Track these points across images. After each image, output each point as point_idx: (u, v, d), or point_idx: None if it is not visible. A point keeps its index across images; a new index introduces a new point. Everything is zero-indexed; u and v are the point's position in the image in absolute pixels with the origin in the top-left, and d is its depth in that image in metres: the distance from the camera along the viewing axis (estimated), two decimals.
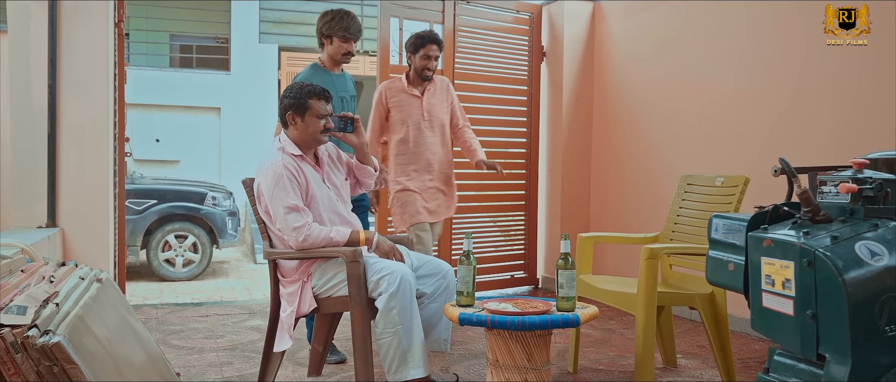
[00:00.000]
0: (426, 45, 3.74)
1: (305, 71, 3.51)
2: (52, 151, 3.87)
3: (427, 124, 3.80)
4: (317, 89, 2.86)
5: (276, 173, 2.75)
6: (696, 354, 3.65)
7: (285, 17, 11.86)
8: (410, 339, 2.65)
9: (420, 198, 3.78)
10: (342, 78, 3.58)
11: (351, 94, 3.62)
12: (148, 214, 6.71)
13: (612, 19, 5.14)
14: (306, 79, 3.39)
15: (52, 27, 3.84)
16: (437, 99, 3.87)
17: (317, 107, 2.83)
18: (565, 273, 2.58)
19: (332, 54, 3.50)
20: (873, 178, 1.87)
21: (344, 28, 3.42)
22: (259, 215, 2.90)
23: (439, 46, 3.78)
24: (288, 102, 2.84)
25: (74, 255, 3.88)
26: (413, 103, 3.80)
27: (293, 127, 2.86)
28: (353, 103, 3.62)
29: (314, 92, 2.84)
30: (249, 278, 7.02)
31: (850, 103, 3.51)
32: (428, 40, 3.75)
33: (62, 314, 1.85)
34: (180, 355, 3.58)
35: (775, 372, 1.91)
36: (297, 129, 2.85)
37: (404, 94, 3.81)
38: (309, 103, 2.83)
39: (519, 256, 5.21)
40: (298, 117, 2.84)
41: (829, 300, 1.70)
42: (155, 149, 10.65)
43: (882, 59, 3.29)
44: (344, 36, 3.44)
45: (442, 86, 3.91)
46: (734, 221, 2.11)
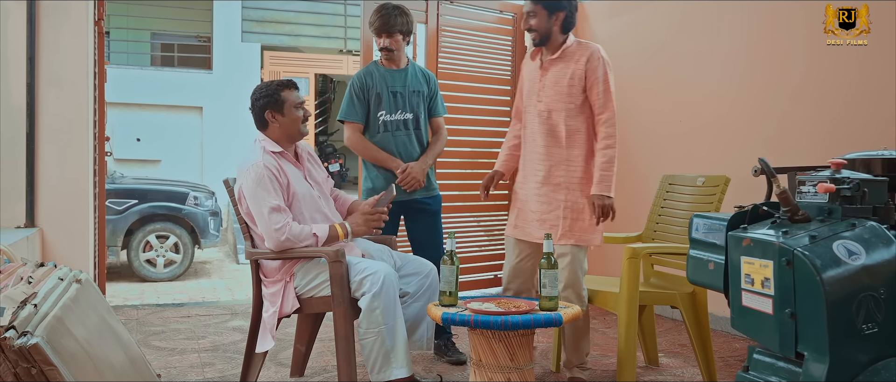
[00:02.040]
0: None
1: (364, 68, 3.51)
2: (30, 150, 3.82)
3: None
4: (283, 82, 2.88)
5: (257, 174, 2.73)
6: (678, 353, 3.68)
7: (268, 15, 11.80)
8: (394, 339, 2.65)
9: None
10: (401, 73, 3.47)
11: (413, 88, 3.46)
12: (129, 214, 6.64)
13: (596, 19, 5.16)
14: (361, 76, 3.43)
15: (31, 25, 3.79)
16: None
17: (291, 97, 2.85)
18: (548, 273, 2.59)
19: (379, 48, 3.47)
20: (851, 178, 1.90)
21: (372, 23, 3.39)
22: (241, 216, 2.89)
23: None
24: (263, 102, 2.84)
25: (53, 255, 3.83)
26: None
27: (274, 124, 2.86)
28: (414, 98, 3.46)
29: (282, 84, 2.86)
30: (232, 278, 6.97)
31: (842, 103, 3.53)
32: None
33: (40, 315, 1.83)
34: (161, 356, 3.55)
35: (755, 371, 1.93)
36: (279, 125, 2.85)
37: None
38: (282, 97, 2.84)
39: (502, 256, 5.22)
40: (277, 114, 2.84)
41: (808, 298, 1.72)
42: (136, 148, 10.54)
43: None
44: (377, 30, 3.39)
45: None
46: (714, 220, 2.13)
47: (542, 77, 3.05)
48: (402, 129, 3.42)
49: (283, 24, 11.89)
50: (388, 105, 3.40)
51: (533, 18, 2.99)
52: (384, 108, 3.40)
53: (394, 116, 3.41)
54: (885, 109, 3.25)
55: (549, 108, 3.01)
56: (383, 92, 3.41)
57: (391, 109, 3.41)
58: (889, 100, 3.23)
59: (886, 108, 3.24)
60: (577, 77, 2.96)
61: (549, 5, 2.97)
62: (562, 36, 3.02)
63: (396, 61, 3.45)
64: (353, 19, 11.76)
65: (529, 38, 3.18)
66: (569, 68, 2.98)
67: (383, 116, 3.41)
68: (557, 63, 3.02)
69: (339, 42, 12.05)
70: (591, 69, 2.94)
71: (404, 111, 3.42)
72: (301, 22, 11.92)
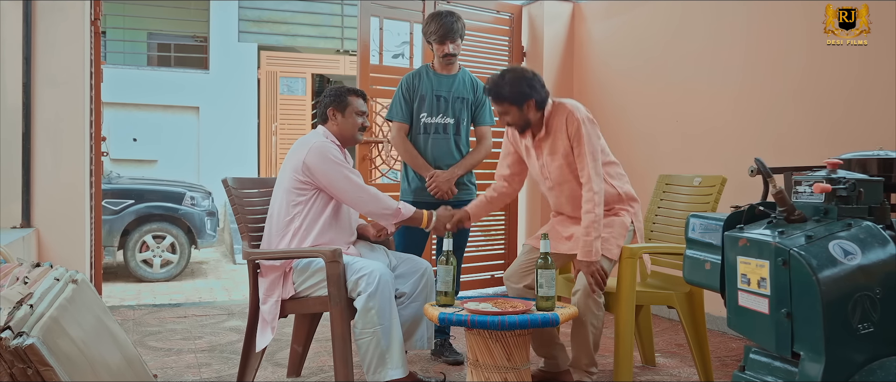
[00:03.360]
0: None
1: (413, 70, 3.54)
2: (26, 150, 3.81)
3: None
4: (355, 89, 3.06)
5: (333, 153, 2.87)
6: (675, 352, 3.68)
7: (265, 15, 11.79)
8: (389, 339, 2.65)
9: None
10: (449, 79, 3.49)
11: (459, 95, 3.48)
12: (125, 214, 6.63)
13: (592, 20, 5.17)
14: (409, 78, 3.49)
15: (27, 25, 3.78)
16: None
17: (355, 104, 3.01)
18: (545, 273, 2.59)
19: (436, 57, 3.48)
20: (847, 178, 1.90)
21: (435, 31, 3.40)
22: (236, 215, 2.88)
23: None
24: (329, 99, 3.03)
25: (50, 256, 3.82)
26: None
27: (333, 122, 3.02)
28: (458, 104, 3.48)
29: (352, 90, 3.05)
30: (228, 278, 6.97)
31: (843, 103, 3.54)
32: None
33: (36, 315, 1.83)
34: (158, 356, 3.55)
35: (751, 370, 1.94)
36: (337, 124, 3.01)
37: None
38: (348, 100, 3.01)
39: (499, 256, 5.22)
40: (339, 113, 3.01)
41: (804, 298, 1.72)
42: (132, 148, 10.54)
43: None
44: (438, 39, 3.40)
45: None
46: (711, 220, 2.13)
47: (539, 157, 3.03)
48: (441, 132, 3.46)
49: (279, 23, 11.88)
50: (430, 108, 3.45)
51: (507, 116, 2.94)
52: (426, 110, 3.45)
53: (434, 119, 3.45)
54: (886, 110, 3.24)
55: (557, 182, 3.01)
56: (428, 95, 3.45)
57: (433, 112, 3.45)
58: (889, 100, 3.23)
59: (887, 108, 3.24)
60: (567, 148, 2.92)
61: (514, 98, 2.88)
62: (538, 113, 2.95)
63: (453, 66, 3.49)
64: (349, 19, 11.75)
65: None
66: (558, 143, 2.93)
67: (424, 118, 3.46)
68: (546, 139, 2.97)
69: (336, 42, 12.05)
70: (574, 136, 2.88)
71: (446, 116, 3.46)
72: (298, 22, 11.92)
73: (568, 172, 2.95)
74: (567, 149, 2.91)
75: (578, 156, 2.88)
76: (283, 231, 2.84)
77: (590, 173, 2.83)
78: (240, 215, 2.95)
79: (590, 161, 2.84)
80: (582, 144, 2.85)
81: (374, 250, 3.09)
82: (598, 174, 2.85)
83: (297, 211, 2.84)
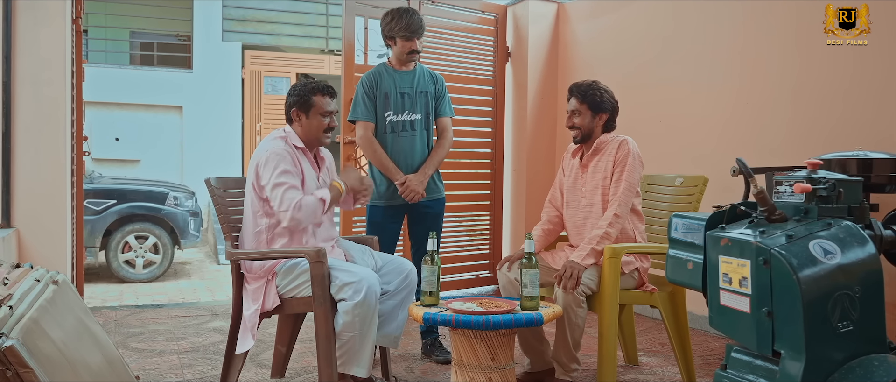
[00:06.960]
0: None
1: (372, 69, 3.49)
2: (6, 150, 3.77)
3: None
4: (321, 86, 2.91)
5: (278, 155, 2.77)
6: (658, 352, 3.70)
7: (249, 14, 11.71)
8: (363, 343, 2.68)
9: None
10: (409, 74, 3.46)
11: (421, 89, 3.47)
12: (107, 214, 6.57)
13: (576, 20, 5.19)
14: (370, 76, 3.43)
15: (7, 23, 3.74)
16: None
17: (321, 104, 2.88)
18: (529, 273, 2.60)
19: (398, 54, 3.43)
20: (827, 178, 1.92)
21: (404, 27, 3.35)
22: (222, 213, 2.86)
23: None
24: (293, 99, 2.90)
25: (30, 256, 3.78)
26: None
27: (297, 123, 2.91)
28: (422, 99, 3.47)
29: (318, 88, 2.90)
30: (212, 279, 6.92)
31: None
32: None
33: (16, 317, 1.81)
34: (140, 357, 3.52)
35: (733, 369, 1.95)
36: (301, 126, 2.90)
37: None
38: (312, 100, 2.88)
39: (484, 256, 5.23)
40: (302, 114, 2.89)
41: (784, 297, 1.74)
42: (114, 148, 10.43)
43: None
44: (405, 35, 3.36)
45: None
46: (693, 220, 2.15)
47: (583, 174, 3.10)
48: (408, 129, 3.44)
49: (264, 23, 11.81)
50: (395, 105, 3.42)
51: (577, 117, 3.04)
52: (391, 108, 3.42)
53: (401, 117, 3.43)
54: (886, 110, 3.24)
55: (591, 202, 3.06)
56: (392, 92, 3.42)
57: (398, 110, 3.42)
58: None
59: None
60: (609, 172, 3.00)
61: (594, 105, 3.03)
62: (601, 131, 3.07)
63: (412, 63, 3.47)
64: (334, 19, 11.70)
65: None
66: (601, 164, 3.03)
67: (390, 117, 3.42)
68: (593, 158, 3.07)
69: (321, 42, 11.99)
70: (620, 161, 2.97)
71: (412, 112, 3.44)
72: (282, 21, 11.85)
73: (600, 196, 3.02)
74: (608, 173, 3.00)
75: (616, 180, 2.97)
76: (254, 240, 2.84)
77: (620, 198, 2.94)
78: (223, 215, 2.94)
79: (624, 188, 2.94)
80: (624, 171, 2.96)
81: (360, 250, 3.08)
82: (626, 205, 2.95)
83: (263, 223, 2.82)
